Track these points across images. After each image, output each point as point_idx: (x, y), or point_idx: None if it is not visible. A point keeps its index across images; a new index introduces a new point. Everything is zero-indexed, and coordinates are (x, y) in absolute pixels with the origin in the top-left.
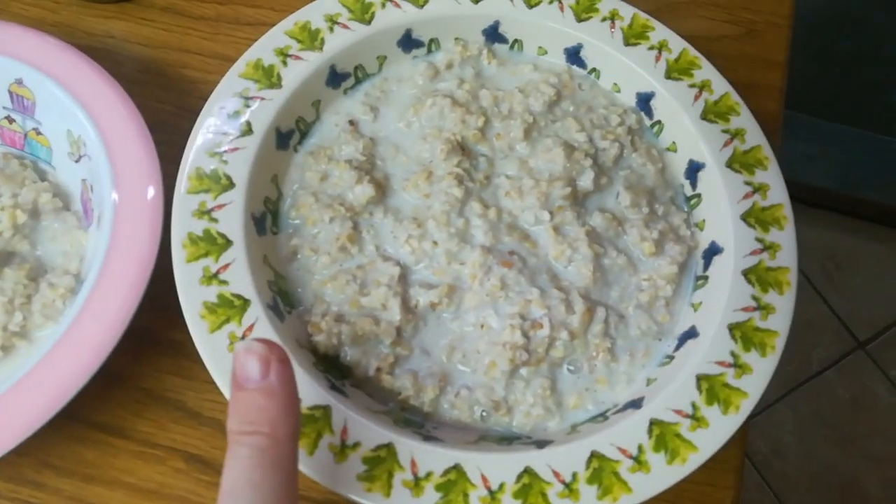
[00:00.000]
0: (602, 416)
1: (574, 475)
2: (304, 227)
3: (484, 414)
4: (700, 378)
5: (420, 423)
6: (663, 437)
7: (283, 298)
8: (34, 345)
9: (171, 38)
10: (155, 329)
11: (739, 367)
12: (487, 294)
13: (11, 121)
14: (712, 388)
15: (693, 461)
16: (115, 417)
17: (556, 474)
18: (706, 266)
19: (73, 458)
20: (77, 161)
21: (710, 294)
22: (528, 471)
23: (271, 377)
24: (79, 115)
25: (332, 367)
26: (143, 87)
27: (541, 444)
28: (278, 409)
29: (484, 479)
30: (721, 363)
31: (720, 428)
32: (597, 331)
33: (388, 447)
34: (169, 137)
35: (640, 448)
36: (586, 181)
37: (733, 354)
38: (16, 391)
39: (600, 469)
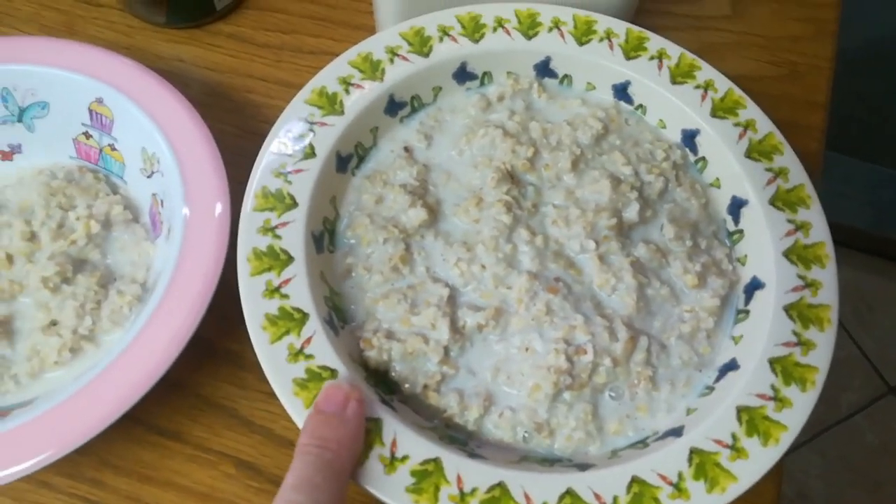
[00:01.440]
0: (642, 443)
1: (615, 499)
2: (359, 246)
3: (526, 435)
4: (741, 410)
5: (464, 440)
6: (703, 465)
7: (338, 314)
8: (101, 349)
9: (237, 63)
10: (214, 339)
11: (779, 401)
12: (533, 318)
13: (89, 136)
14: (752, 420)
15: (732, 491)
16: (173, 422)
17: (598, 496)
18: (747, 300)
19: (131, 459)
20: (149, 177)
21: (751, 328)
22: (570, 492)
23: (348, 410)
24: (154, 133)
25: (381, 383)
26: (209, 109)
27: (582, 466)
28: (347, 435)
29: (527, 497)
30: (761, 396)
31: (760, 459)
32: (639, 359)
33: (436, 461)
34: (233, 158)
35: (680, 475)
36: (631, 213)
37: (773, 388)
38: (84, 394)
39: (640, 494)
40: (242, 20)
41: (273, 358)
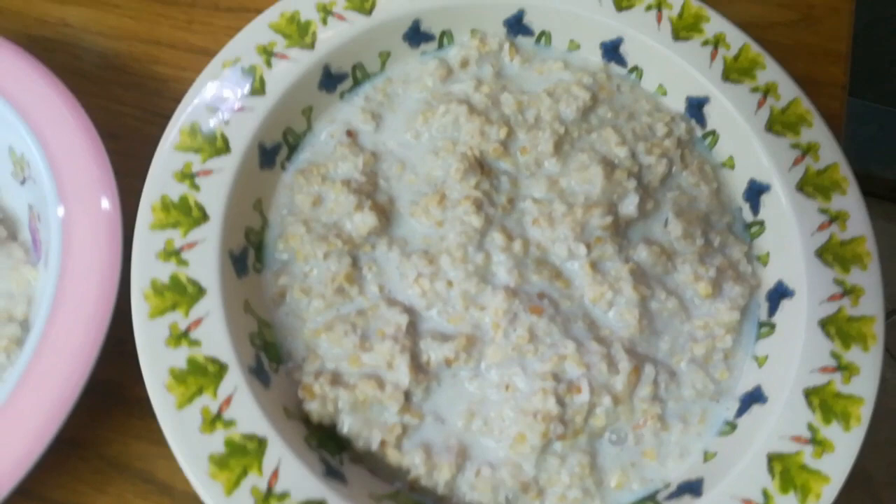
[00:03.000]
0: (651, 501)
1: None
2: (294, 262)
3: (509, 497)
4: (772, 458)
5: None
6: None
7: (269, 352)
8: None
9: (139, 27)
10: (119, 382)
11: (819, 444)
12: (513, 347)
13: None
14: (787, 470)
15: None
16: (72, 493)
17: None
18: (772, 310)
19: None
20: (22, 183)
21: (778, 346)
22: None
23: None
24: (20, 129)
25: (328, 440)
26: (103, 86)
27: None
28: None
29: None
30: (797, 439)
31: None
32: (644, 394)
33: None
34: (132, 147)
35: None
36: (629, 206)
37: (811, 427)
38: None
39: None
40: None
41: (182, 429)
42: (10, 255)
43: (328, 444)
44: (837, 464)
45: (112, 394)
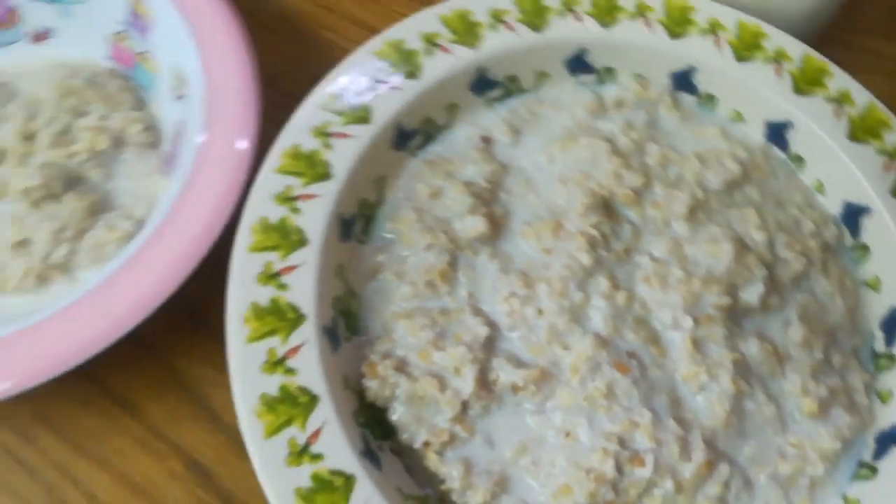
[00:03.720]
0: None
1: None
2: (397, 244)
3: None
4: None
5: None
6: None
7: (348, 320)
8: (74, 285)
9: None
10: (200, 304)
11: None
12: (586, 397)
13: (125, 38)
14: None
15: None
16: (132, 391)
17: None
18: (879, 453)
19: (72, 421)
20: (178, 99)
21: (874, 495)
22: None
23: None
24: (190, 49)
25: (374, 423)
26: (272, 36)
27: None
28: None
29: None
30: None
31: None
32: (712, 493)
33: None
34: (281, 99)
35: None
36: (752, 294)
37: None
38: (38, 331)
39: None
40: None
41: (245, 362)
42: (146, 162)
43: (373, 427)
44: None
45: (190, 311)
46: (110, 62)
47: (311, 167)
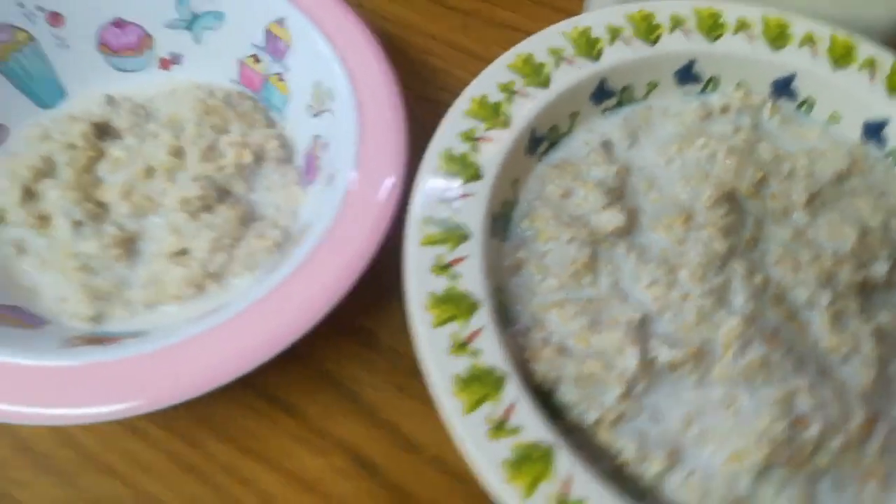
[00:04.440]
0: None
1: None
2: (535, 241)
3: None
4: None
5: (634, 499)
6: None
7: (498, 313)
8: (226, 292)
9: (419, 20)
10: (344, 310)
11: None
12: (742, 370)
13: (257, 60)
14: None
15: None
16: (288, 392)
17: None
18: None
19: (234, 425)
20: (315, 115)
21: None
22: None
23: None
24: (335, 67)
25: (540, 407)
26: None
27: None
28: None
29: None
30: None
31: None
32: (874, 448)
33: None
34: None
35: None
36: (879, 270)
37: None
38: (206, 339)
39: None
40: None
41: (434, 345)
42: (285, 175)
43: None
44: None
45: (337, 319)
46: (237, 85)
47: (464, 168)
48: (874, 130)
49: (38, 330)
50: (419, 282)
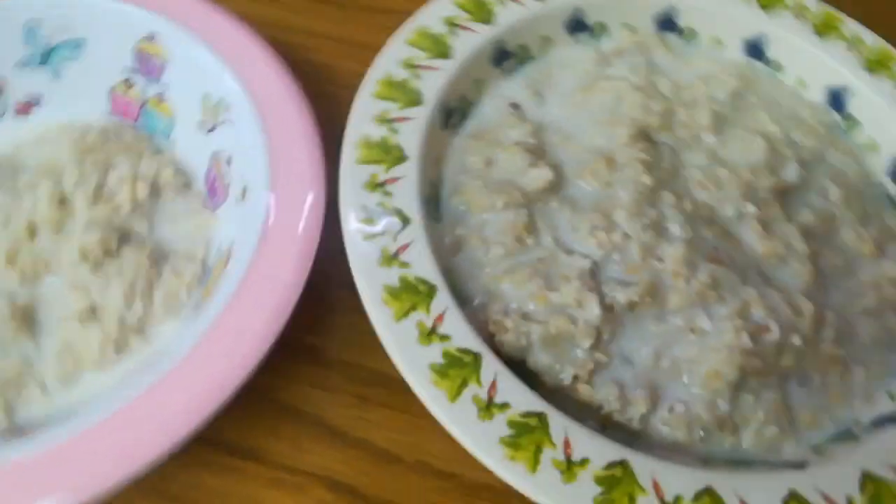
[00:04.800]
0: (848, 434)
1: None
2: (470, 215)
3: (703, 434)
4: None
5: (625, 445)
6: None
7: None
8: (150, 344)
9: (296, 19)
10: (286, 330)
11: None
12: (696, 293)
13: (130, 85)
14: None
15: None
16: (246, 437)
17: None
18: None
19: (194, 489)
20: (210, 130)
21: None
22: (709, 491)
23: None
24: (223, 74)
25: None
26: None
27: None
28: None
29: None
30: None
31: None
32: (828, 337)
33: (623, 465)
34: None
35: None
36: (791, 174)
37: None
38: (139, 407)
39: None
40: None
41: (400, 339)
42: (187, 202)
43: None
44: None
45: (281, 342)
46: (110, 117)
47: (387, 153)
48: (754, 47)
49: None
50: (369, 278)
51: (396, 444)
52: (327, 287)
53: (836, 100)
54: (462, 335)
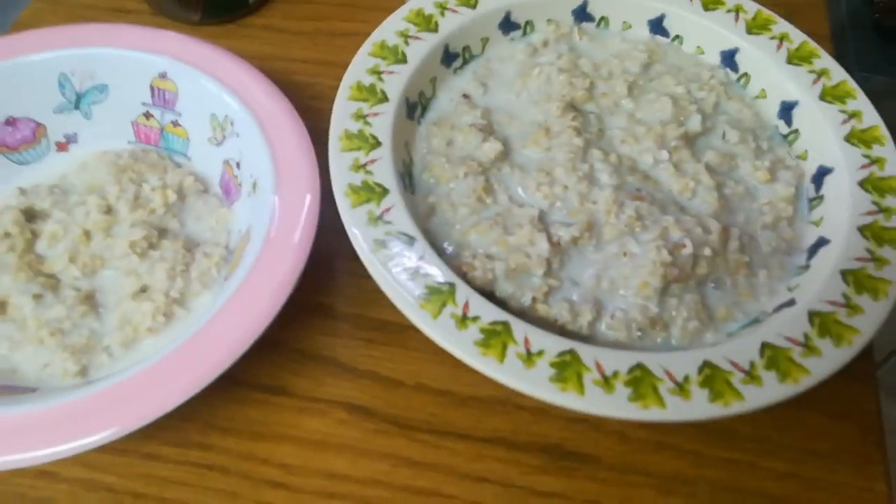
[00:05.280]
0: (756, 321)
1: (686, 377)
2: (438, 185)
3: (640, 333)
4: (845, 273)
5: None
6: (825, 325)
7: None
8: (192, 313)
9: (275, 50)
10: (301, 294)
11: (877, 261)
12: (625, 225)
13: (149, 116)
14: (858, 279)
15: (858, 343)
16: (275, 378)
17: (669, 374)
18: (818, 187)
19: (238, 419)
20: (219, 144)
21: (830, 208)
22: (640, 366)
23: None
24: (225, 96)
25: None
26: None
27: None
28: None
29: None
30: (860, 259)
31: (873, 312)
32: (734, 247)
33: (571, 353)
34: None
35: (806, 336)
36: (695, 123)
37: (869, 251)
38: (180, 353)
39: (713, 377)
40: (273, 13)
41: (390, 280)
42: (208, 202)
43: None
44: (893, 272)
45: (297, 303)
46: (135, 144)
47: (364, 141)
48: (656, 25)
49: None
50: (362, 233)
51: (399, 372)
52: (333, 259)
53: (729, 60)
54: (440, 272)
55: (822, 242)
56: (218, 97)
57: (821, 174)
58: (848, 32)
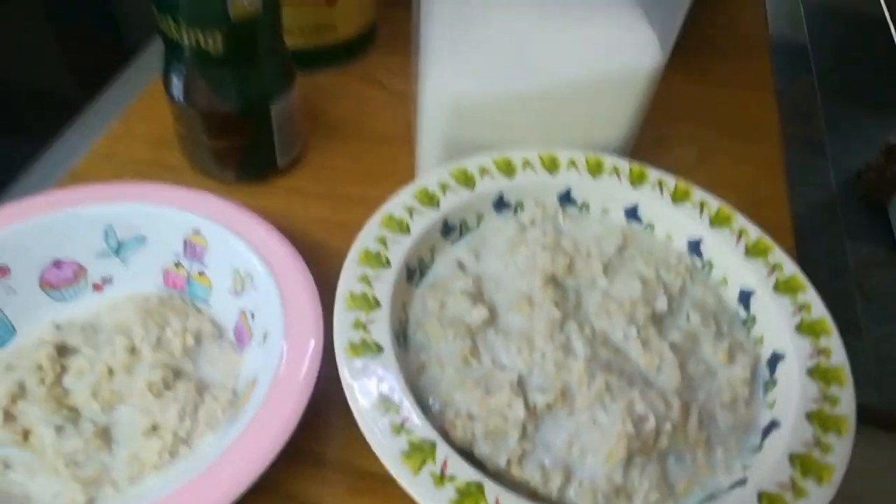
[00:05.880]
0: (712, 498)
1: None
2: (429, 344)
3: (604, 502)
4: (793, 456)
5: None
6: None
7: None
8: (195, 452)
9: (296, 209)
10: (295, 441)
11: (822, 446)
12: (595, 396)
13: (179, 266)
14: (804, 463)
15: None
16: None
17: None
18: (772, 372)
19: None
20: (238, 295)
21: (782, 393)
22: None
23: None
24: (248, 255)
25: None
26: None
27: None
28: None
29: None
30: (806, 443)
31: (818, 494)
32: (693, 423)
33: None
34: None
35: None
36: (662, 304)
37: (815, 437)
38: (184, 494)
39: None
40: (299, 175)
41: (377, 434)
42: (222, 347)
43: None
44: (838, 455)
45: (288, 448)
46: (163, 289)
47: (366, 302)
48: (631, 213)
49: None
50: (357, 390)
51: None
52: (327, 408)
53: (695, 248)
54: (423, 430)
55: (774, 425)
56: (243, 255)
57: (774, 359)
58: (838, 205)
